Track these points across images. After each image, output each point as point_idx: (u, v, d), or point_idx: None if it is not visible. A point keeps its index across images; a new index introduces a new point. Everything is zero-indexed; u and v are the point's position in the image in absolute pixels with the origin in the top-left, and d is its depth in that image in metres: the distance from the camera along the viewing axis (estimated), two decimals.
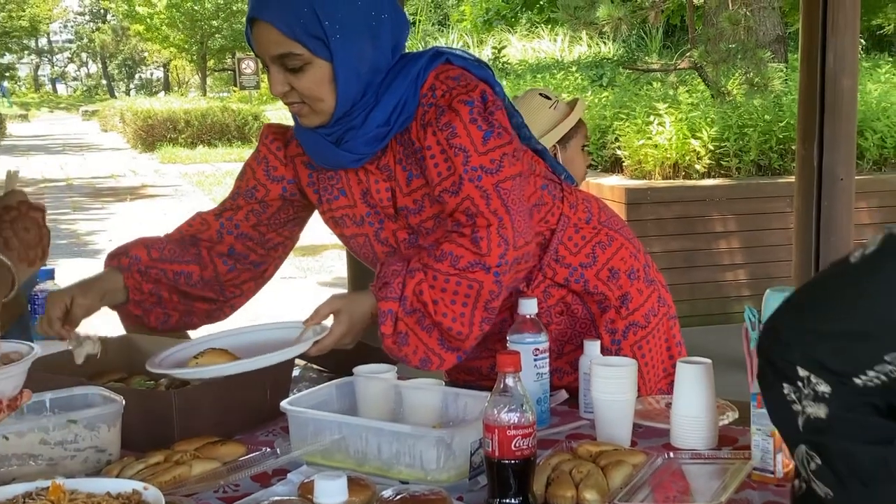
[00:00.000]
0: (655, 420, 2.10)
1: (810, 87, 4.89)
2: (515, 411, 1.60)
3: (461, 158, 2.04)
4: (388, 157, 2.15)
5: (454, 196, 2.05)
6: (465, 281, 2.00)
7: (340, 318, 2.04)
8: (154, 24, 35.15)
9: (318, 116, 2.10)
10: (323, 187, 2.25)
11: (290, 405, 1.95)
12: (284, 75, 2.05)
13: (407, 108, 2.09)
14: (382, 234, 2.20)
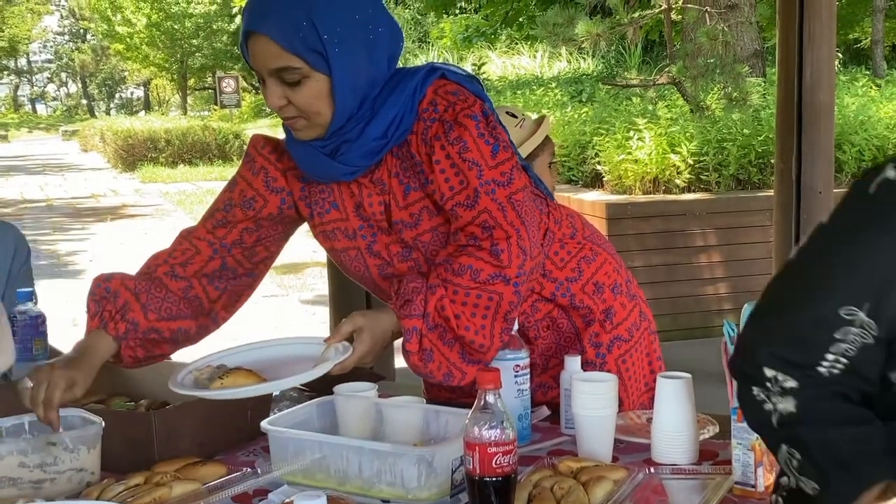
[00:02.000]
0: (636, 435, 2.10)
1: (788, 102, 4.92)
2: (496, 428, 1.61)
3: (475, 172, 2.04)
4: (382, 170, 2.14)
5: (470, 209, 2.04)
6: (485, 294, 2.00)
7: (363, 336, 2.01)
8: (134, 44, 35.14)
9: (314, 130, 2.07)
10: (314, 201, 2.23)
11: (271, 425, 1.94)
12: (282, 89, 2.02)
13: (404, 123, 2.08)
14: (375, 246, 2.19)
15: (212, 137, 22.88)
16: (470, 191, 2.04)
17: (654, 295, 6.56)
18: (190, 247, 2.26)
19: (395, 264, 2.17)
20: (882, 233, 1.37)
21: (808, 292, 1.42)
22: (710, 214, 7.28)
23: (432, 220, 2.11)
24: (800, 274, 1.46)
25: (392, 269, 2.19)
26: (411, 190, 2.12)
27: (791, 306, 1.43)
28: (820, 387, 1.40)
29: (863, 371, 1.39)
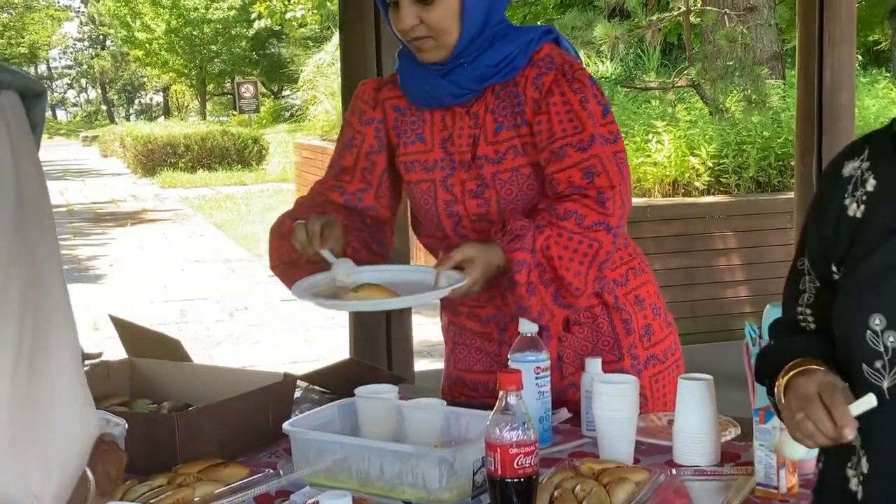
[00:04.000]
0: (658, 437, 2.10)
1: (808, 104, 4.90)
2: (517, 429, 1.61)
3: (592, 122, 2.16)
4: (480, 105, 2.24)
5: (581, 152, 2.14)
6: (586, 239, 2.11)
7: (475, 264, 2.08)
8: (153, 50, 35.24)
9: (439, 51, 2.18)
10: (403, 130, 2.33)
11: (293, 426, 1.95)
12: (415, 8, 2.13)
13: (515, 62, 2.20)
14: (450, 180, 2.27)
15: (231, 142, 22.92)
16: (585, 135, 2.15)
17: (674, 298, 6.54)
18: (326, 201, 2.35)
19: (465, 201, 2.25)
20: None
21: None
22: (730, 217, 7.26)
23: (516, 159, 2.21)
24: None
25: (458, 207, 2.27)
26: (503, 128, 2.22)
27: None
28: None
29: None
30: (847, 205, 1.57)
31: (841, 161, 1.62)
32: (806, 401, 1.46)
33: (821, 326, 1.64)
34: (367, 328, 4.38)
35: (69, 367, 1.16)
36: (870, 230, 1.54)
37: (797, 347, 1.62)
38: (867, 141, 1.62)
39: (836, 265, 1.59)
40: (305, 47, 27.58)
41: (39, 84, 1.24)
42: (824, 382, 1.47)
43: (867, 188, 1.56)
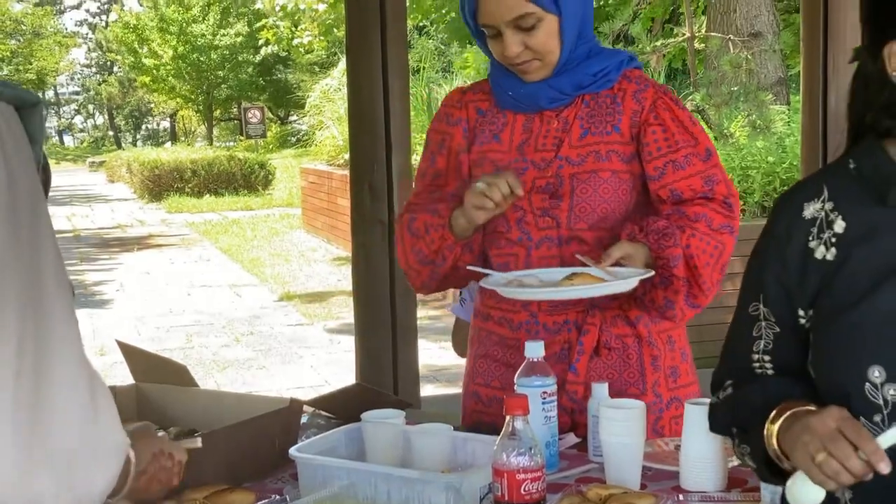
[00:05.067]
0: (665, 462, 2.09)
1: (813, 129, 4.90)
2: (524, 455, 1.61)
3: (703, 136, 2.32)
4: (571, 111, 2.35)
5: (703, 162, 2.28)
6: (713, 241, 2.23)
7: (634, 260, 2.18)
8: (160, 76, 35.40)
9: (544, 70, 2.31)
10: (481, 130, 2.41)
11: (299, 452, 1.95)
12: (519, 36, 2.25)
13: (608, 77, 2.33)
14: (521, 178, 2.30)
15: (237, 167, 22.98)
16: (701, 148, 2.30)
17: None
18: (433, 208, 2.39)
19: (531, 197, 2.32)
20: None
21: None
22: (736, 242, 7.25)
23: (596, 163, 2.30)
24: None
25: (523, 203, 2.32)
26: (588, 134, 2.32)
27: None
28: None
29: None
30: (813, 247, 1.55)
31: (798, 202, 1.59)
32: (827, 439, 1.37)
33: (780, 372, 1.61)
34: (372, 353, 4.38)
35: (74, 379, 1.16)
36: (849, 274, 1.51)
37: (772, 391, 1.57)
38: (823, 180, 1.59)
39: (804, 309, 1.56)
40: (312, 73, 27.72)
41: (34, 95, 1.24)
42: (842, 418, 1.39)
43: (835, 230, 1.54)
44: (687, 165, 2.27)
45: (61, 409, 1.13)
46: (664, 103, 2.32)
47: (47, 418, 1.11)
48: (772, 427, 1.50)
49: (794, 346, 1.59)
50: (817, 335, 1.54)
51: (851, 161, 1.56)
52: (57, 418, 1.12)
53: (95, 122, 67.14)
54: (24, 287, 1.11)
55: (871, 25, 1.54)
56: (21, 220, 1.13)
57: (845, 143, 1.62)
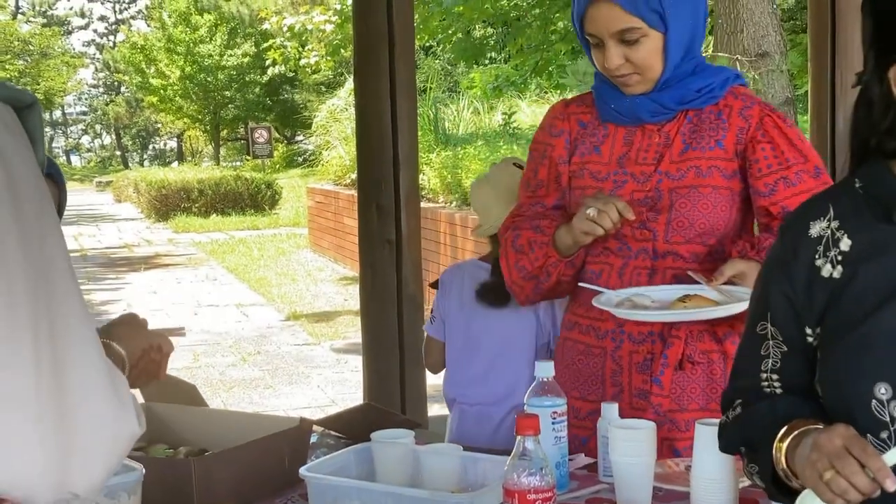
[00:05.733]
0: (675, 483, 2.09)
1: (821, 149, 4.89)
2: (535, 475, 1.61)
3: (812, 154, 2.35)
4: (673, 126, 2.37)
5: (814, 179, 2.30)
6: None
7: (747, 281, 2.17)
8: (168, 96, 35.50)
9: (644, 84, 2.34)
10: (583, 141, 2.44)
11: (309, 472, 1.95)
12: (621, 49, 2.28)
13: (713, 93, 2.35)
14: (618, 191, 2.34)
15: (244, 187, 23.02)
16: (810, 166, 2.32)
17: None
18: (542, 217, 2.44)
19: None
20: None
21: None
22: None
23: (697, 178, 2.32)
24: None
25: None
26: (690, 149, 2.34)
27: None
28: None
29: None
30: (819, 266, 1.56)
31: (804, 221, 1.60)
32: (834, 456, 1.38)
33: (788, 391, 1.62)
34: (380, 373, 4.38)
35: (93, 365, 1.16)
36: (856, 292, 1.52)
37: (781, 410, 1.58)
38: (829, 199, 1.61)
39: (811, 328, 1.57)
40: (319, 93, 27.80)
41: (29, 94, 1.24)
42: (849, 436, 1.40)
43: (841, 248, 1.55)
44: (798, 182, 2.28)
45: (83, 397, 1.13)
46: (772, 121, 2.34)
47: (71, 405, 1.12)
48: (780, 446, 1.51)
49: (801, 365, 1.59)
50: (824, 353, 1.55)
51: (857, 180, 1.58)
52: (80, 404, 1.13)
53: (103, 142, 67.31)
54: (34, 282, 1.11)
55: (876, 48, 1.55)
56: (27, 216, 1.13)
57: (848, 164, 1.64)
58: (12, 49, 42.74)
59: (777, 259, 1.63)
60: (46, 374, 1.09)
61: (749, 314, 1.69)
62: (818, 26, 4.79)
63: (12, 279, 1.09)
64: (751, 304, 1.69)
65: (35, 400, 1.08)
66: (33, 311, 1.09)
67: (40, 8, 59.04)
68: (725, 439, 1.70)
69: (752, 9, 11.20)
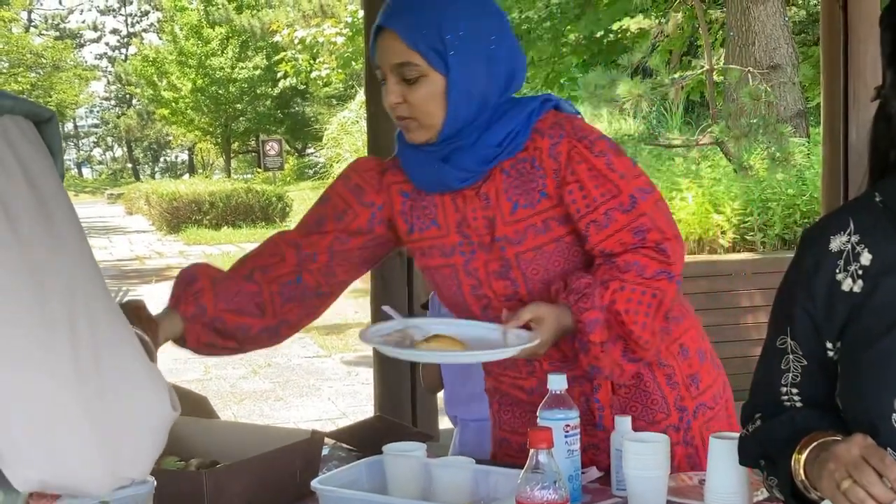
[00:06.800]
0: (689, 497, 2.07)
1: (833, 161, 4.89)
2: (549, 488, 1.59)
3: (625, 181, 2.12)
4: (490, 185, 2.19)
5: (627, 214, 2.10)
6: (649, 290, 2.07)
7: (543, 325, 2.05)
8: (179, 108, 35.65)
9: (425, 132, 2.15)
10: (416, 216, 2.29)
11: (321, 484, 1.94)
12: (400, 87, 2.11)
13: (517, 139, 2.15)
14: (471, 264, 2.23)
15: (255, 200, 23.08)
16: (625, 197, 2.11)
17: None
18: (277, 252, 2.32)
19: (490, 284, 2.21)
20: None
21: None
22: (756, 275, 7.23)
23: (537, 238, 2.17)
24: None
25: (486, 290, 2.22)
26: (519, 207, 2.17)
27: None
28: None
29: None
30: (840, 280, 1.56)
31: (824, 236, 1.60)
32: (852, 466, 1.38)
33: (808, 405, 1.62)
34: (390, 385, 4.37)
35: (130, 349, 1.16)
36: (876, 306, 1.52)
37: (800, 423, 1.58)
38: (849, 214, 1.60)
39: (832, 342, 1.57)
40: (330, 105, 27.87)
41: (47, 109, 1.25)
42: (867, 446, 1.40)
43: (862, 262, 1.54)
44: (609, 223, 2.10)
45: (123, 380, 1.13)
46: (579, 154, 2.12)
47: (112, 390, 1.12)
48: (799, 458, 1.51)
49: (821, 379, 1.59)
50: (845, 367, 1.54)
51: (877, 195, 1.57)
52: (120, 388, 1.13)
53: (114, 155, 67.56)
54: (67, 280, 1.12)
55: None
56: (52, 215, 1.14)
57: (867, 178, 1.63)
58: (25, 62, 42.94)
59: (797, 274, 1.63)
60: (86, 362, 1.10)
61: (769, 328, 1.68)
62: (831, 39, 4.78)
63: (45, 279, 1.10)
64: (771, 318, 1.69)
65: (78, 389, 1.09)
66: (69, 309, 1.10)
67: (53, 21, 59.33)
68: (745, 452, 1.70)
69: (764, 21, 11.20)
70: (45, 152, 1.20)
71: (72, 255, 1.15)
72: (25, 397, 1.08)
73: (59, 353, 1.09)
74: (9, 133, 1.16)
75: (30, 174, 1.15)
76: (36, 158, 1.17)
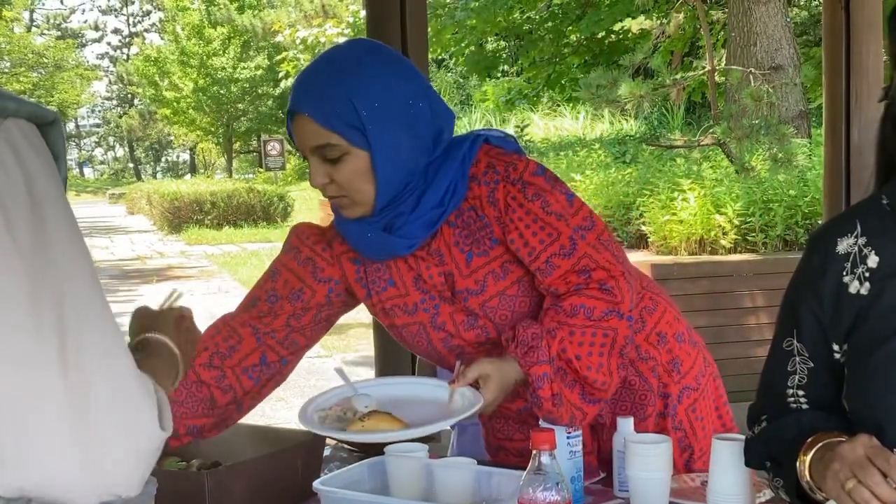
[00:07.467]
0: (691, 498, 2.07)
1: (835, 162, 4.89)
2: (551, 489, 1.59)
3: (563, 223, 2.08)
4: (440, 241, 2.15)
5: (568, 258, 2.06)
6: (600, 331, 2.04)
7: (490, 384, 2.01)
8: (181, 108, 35.68)
9: (358, 207, 2.10)
10: (371, 280, 2.23)
11: (323, 485, 1.94)
12: (324, 167, 2.05)
13: (458, 190, 2.10)
14: (438, 319, 2.19)
15: (257, 200, 23.09)
16: (564, 240, 2.07)
17: None
18: (233, 334, 2.24)
19: (461, 334, 2.18)
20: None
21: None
22: (758, 276, 7.23)
23: (497, 284, 2.13)
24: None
25: (458, 341, 2.19)
26: (474, 256, 2.13)
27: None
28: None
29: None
30: (847, 282, 1.55)
31: (831, 238, 1.59)
32: (856, 466, 1.39)
33: (814, 406, 1.62)
34: None
35: (119, 363, 1.16)
36: (883, 308, 1.51)
37: (806, 424, 1.58)
38: (856, 216, 1.60)
39: (838, 344, 1.57)
40: None
41: (50, 112, 1.24)
42: (871, 446, 1.41)
43: (869, 264, 1.54)
44: (552, 270, 2.07)
45: (111, 395, 1.13)
46: (514, 199, 2.08)
47: (98, 404, 1.11)
48: (804, 459, 1.51)
49: (828, 381, 1.59)
50: (852, 369, 1.54)
51: (884, 197, 1.57)
52: (108, 403, 1.12)
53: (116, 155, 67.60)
54: (60, 289, 1.12)
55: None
56: (47, 220, 1.14)
57: (874, 180, 1.63)
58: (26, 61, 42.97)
59: (804, 276, 1.63)
60: (74, 372, 1.09)
61: (776, 330, 1.68)
62: (833, 39, 4.78)
63: (38, 289, 1.10)
64: (778, 320, 1.69)
65: (64, 398, 1.08)
66: (59, 317, 1.10)
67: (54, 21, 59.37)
68: (751, 454, 1.70)
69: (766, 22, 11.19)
70: (46, 156, 1.20)
71: (64, 261, 1.14)
72: (10, 404, 1.07)
73: (48, 363, 1.08)
74: (12, 136, 1.16)
75: (30, 178, 1.14)
76: (37, 162, 1.17)
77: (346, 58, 2.07)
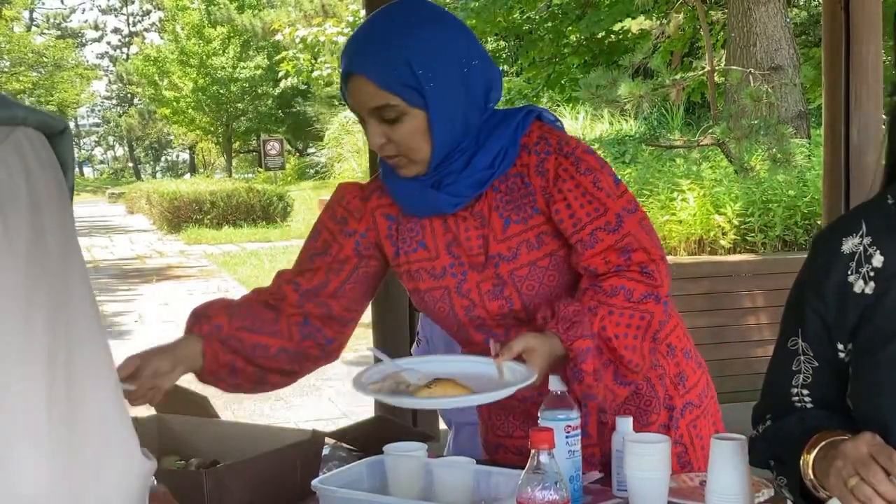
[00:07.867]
0: (690, 498, 2.07)
1: (835, 163, 4.89)
2: (550, 489, 1.59)
3: (611, 200, 2.10)
4: (483, 203, 2.17)
5: (613, 233, 2.08)
6: (637, 313, 2.05)
7: (535, 358, 1.99)
8: (180, 108, 35.70)
9: (415, 166, 2.12)
10: (402, 238, 2.25)
11: (322, 484, 1.94)
12: (382, 127, 2.07)
13: (507, 157, 2.13)
14: (465, 286, 2.20)
15: (256, 199, 23.08)
16: (611, 216, 2.09)
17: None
18: (279, 290, 2.30)
19: (485, 304, 2.19)
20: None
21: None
22: (757, 276, 7.23)
23: (531, 253, 2.14)
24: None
25: (480, 311, 2.20)
26: (511, 223, 2.15)
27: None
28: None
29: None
30: (852, 282, 1.56)
31: (836, 237, 1.60)
32: (859, 464, 1.39)
33: (818, 406, 1.62)
34: None
35: (108, 396, 1.15)
36: (888, 308, 1.52)
37: (810, 423, 1.59)
38: (861, 215, 1.60)
39: (843, 343, 1.57)
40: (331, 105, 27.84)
41: (60, 121, 1.23)
42: (875, 444, 1.41)
43: (874, 264, 1.54)
44: (595, 243, 2.08)
45: (96, 429, 1.12)
46: (566, 171, 2.11)
47: (83, 437, 1.11)
48: (807, 457, 1.52)
49: (832, 381, 1.60)
50: (856, 368, 1.55)
51: (889, 197, 1.57)
52: (93, 436, 1.12)
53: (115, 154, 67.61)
54: (55, 313, 1.11)
55: None
56: (48, 238, 1.13)
57: (878, 180, 1.64)
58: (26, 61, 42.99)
59: (809, 275, 1.63)
60: (60, 403, 1.09)
61: (781, 330, 1.69)
62: (832, 40, 4.78)
63: (32, 312, 1.09)
64: (782, 319, 1.70)
65: (47, 430, 1.08)
66: (51, 342, 1.09)
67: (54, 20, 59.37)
68: (755, 453, 1.71)
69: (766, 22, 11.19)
70: (53, 167, 1.19)
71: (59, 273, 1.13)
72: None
73: (35, 385, 1.08)
74: (21, 146, 1.16)
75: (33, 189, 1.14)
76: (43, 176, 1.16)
77: (401, 17, 2.09)
